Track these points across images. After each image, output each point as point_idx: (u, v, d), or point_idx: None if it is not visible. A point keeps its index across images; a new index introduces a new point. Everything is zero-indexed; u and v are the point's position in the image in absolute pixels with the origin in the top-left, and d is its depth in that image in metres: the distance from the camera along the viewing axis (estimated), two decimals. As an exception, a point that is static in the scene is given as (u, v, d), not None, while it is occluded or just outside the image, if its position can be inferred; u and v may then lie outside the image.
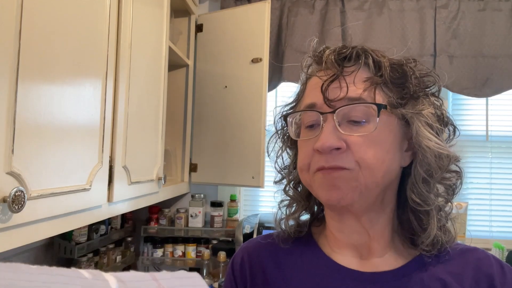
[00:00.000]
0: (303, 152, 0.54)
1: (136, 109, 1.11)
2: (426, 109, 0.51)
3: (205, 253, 1.62)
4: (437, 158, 0.50)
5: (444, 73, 0.56)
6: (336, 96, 0.50)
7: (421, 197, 0.52)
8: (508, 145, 1.89)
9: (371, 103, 0.50)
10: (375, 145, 0.50)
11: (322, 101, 0.51)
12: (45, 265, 0.24)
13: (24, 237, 0.67)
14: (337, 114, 0.50)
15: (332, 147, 0.49)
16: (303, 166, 0.54)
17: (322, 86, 0.51)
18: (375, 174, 0.50)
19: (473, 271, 0.53)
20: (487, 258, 0.54)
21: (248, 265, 0.61)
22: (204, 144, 1.74)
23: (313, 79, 0.55)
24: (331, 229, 0.58)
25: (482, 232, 1.88)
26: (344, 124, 0.50)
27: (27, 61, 0.65)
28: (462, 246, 0.56)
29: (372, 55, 0.52)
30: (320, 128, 0.51)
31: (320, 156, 0.50)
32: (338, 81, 0.51)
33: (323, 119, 0.51)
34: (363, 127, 0.50)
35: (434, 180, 0.51)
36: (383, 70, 0.51)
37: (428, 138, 0.50)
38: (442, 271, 0.53)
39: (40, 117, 0.69)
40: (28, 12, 0.65)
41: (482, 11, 1.78)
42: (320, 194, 0.52)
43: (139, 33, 1.11)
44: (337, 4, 1.81)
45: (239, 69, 1.65)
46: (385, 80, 0.51)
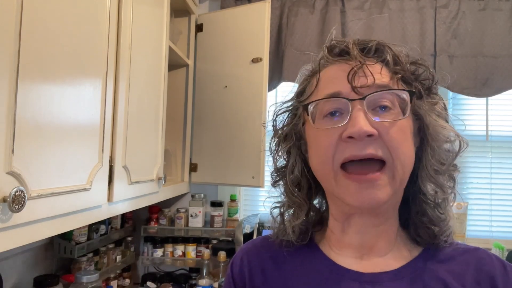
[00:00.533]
0: (325, 142, 0.51)
1: (136, 109, 1.11)
2: (439, 102, 0.54)
3: (205, 253, 1.62)
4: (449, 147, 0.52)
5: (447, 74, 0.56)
6: (364, 83, 0.50)
7: (438, 187, 0.53)
8: (508, 145, 1.89)
9: (403, 89, 0.51)
10: (403, 132, 0.50)
11: (349, 89, 0.50)
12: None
13: (24, 237, 0.67)
14: (366, 101, 0.49)
15: (368, 132, 0.47)
16: (327, 158, 0.51)
17: (348, 74, 0.50)
18: (405, 161, 0.50)
19: (475, 271, 0.52)
20: (489, 257, 0.54)
21: (247, 266, 0.61)
22: (204, 144, 1.74)
23: (330, 69, 0.55)
24: (333, 230, 0.58)
25: (482, 232, 1.88)
26: (370, 112, 0.49)
27: (27, 61, 0.65)
28: (464, 246, 0.56)
29: (392, 49, 0.53)
30: (348, 115, 0.49)
31: (349, 144, 0.49)
32: (362, 71, 0.51)
33: (351, 106, 0.49)
34: (391, 114, 0.50)
35: (445, 169, 0.53)
36: (402, 64, 0.53)
37: (443, 127, 0.52)
38: (443, 271, 0.52)
39: (40, 117, 0.69)
40: (28, 12, 0.65)
41: (482, 11, 1.78)
42: (349, 196, 0.49)
43: (139, 33, 1.11)
44: (337, 4, 1.81)
45: (239, 69, 1.65)
46: (406, 73, 0.53)
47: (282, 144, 0.60)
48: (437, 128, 0.52)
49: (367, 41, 0.54)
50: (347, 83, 0.50)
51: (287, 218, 0.60)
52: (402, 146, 0.49)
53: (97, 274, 1.21)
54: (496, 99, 1.87)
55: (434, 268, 0.53)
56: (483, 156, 1.90)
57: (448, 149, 0.53)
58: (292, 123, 0.59)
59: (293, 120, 0.59)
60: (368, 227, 0.54)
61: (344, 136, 0.48)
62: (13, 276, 1.20)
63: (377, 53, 0.53)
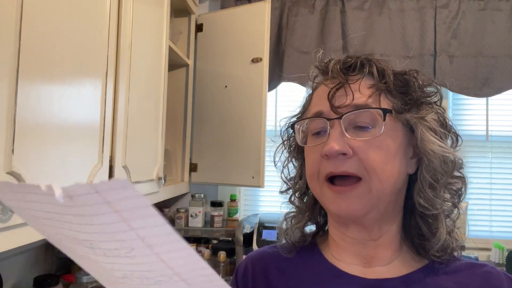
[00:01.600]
0: (311, 159, 0.55)
1: (136, 109, 1.11)
2: (429, 114, 0.52)
3: (205, 253, 1.62)
4: (442, 162, 0.51)
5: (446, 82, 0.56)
6: (342, 103, 0.52)
7: (428, 202, 0.52)
8: (508, 145, 1.89)
9: (376, 108, 0.51)
10: (381, 150, 0.50)
11: (329, 108, 0.52)
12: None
13: (24, 237, 0.67)
14: (343, 120, 0.51)
15: (339, 151, 0.49)
16: (312, 174, 0.54)
17: (328, 94, 0.52)
18: (384, 179, 0.50)
19: (481, 283, 0.52)
20: (497, 272, 0.53)
21: (251, 273, 0.62)
22: (204, 144, 1.74)
23: (320, 89, 0.57)
24: (334, 238, 0.59)
25: (482, 232, 1.88)
26: (350, 130, 0.51)
27: (27, 61, 0.65)
28: (471, 260, 0.57)
29: (376, 64, 0.54)
30: (327, 134, 0.52)
31: (328, 162, 0.51)
32: (343, 89, 0.52)
33: (330, 125, 0.52)
34: (369, 133, 0.51)
35: (440, 185, 0.52)
36: (387, 78, 0.53)
37: (432, 142, 0.51)
38: (449, 282, 0.52)
39: (40, 117, 0.69)
40: (28, 12, 0.65)
41: (482, 11, 1.78)
42: (331, 206, 0.53)
43: (139, 32, 1.11)
44: (337, 4, 1.81)
45: (239, 69, 1.65)
46: (389, 87, 0.53)
47: (288, 155, 0.64)
48: (424, 142, 0.51)
49: (351, 58, 0.55)
50: (328, 103, 0.53)
51: (293, 222, 0.63)
52: (380, 163, 0.50)
53: (97, 274, 1.21)
54: (496, 99, 1.87)
55: (439, 278, 0.53)
56: (483, 156, 1.90)
57: (444, 161, 0.51)
58: (293, 137, 0.63)
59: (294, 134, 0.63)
60: (365, 239, 0.55)
61: (322, 154, 0.51)
62: (13, 276, 1.20)
63: (361, 68, 0.54)
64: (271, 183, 1.68)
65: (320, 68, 0.58)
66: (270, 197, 1.95)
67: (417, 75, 0.55)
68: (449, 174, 0.52)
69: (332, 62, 0.56)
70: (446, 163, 0.51)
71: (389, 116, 0.51)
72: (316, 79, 0.59)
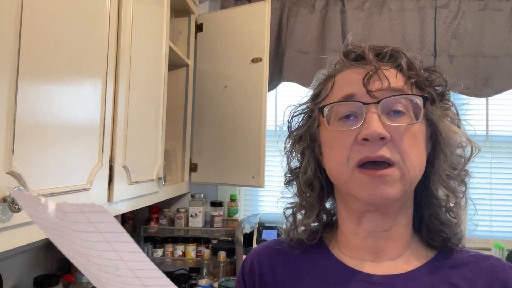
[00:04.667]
0: (339, 145, 0.52)
1: (136, 109, 1.11)
2: (452, 107, 0.55)
3: (205, 253, 1.62)
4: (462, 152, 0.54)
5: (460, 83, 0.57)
6: (379, 88, 0.51)
7: (450, 191, 0.54)
8: (508, 145, 1.89)
9: (417, 95, 0.52)
10: (414, 137, 0.51)
11: (363, 92, 0.51)
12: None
13: (24, 237, 0.67)
14: (381, 105, 0.50)
15: (381, 134, 0.48)
16: (341, 159, 0.52)
17: (364, 78, 0.52)
18: (415, 166, 0.51)
19: (488, 277, 0.52)
20: (502, 265, 0.54)
21: (258, 266, 0.61)
22: (204, 144, 1.74)
23: (345, 73, 0.56)
24: (345, 232, 0.58)
25: (482, 232, 1.88)
26: (384, 115, 0.51)
27: (27, 61, 0.65)
28: (476, 253, 0.57)
29: (406, 55, 0.55)
30: (363, 118, 0.50)
31: (363, 146, 0.50)
32: (377, 75, 0.52)
33: (366, 109, 0.50)
34: (404, 119, 0.51)
35: (457, 174, 0.54)
36: (416, 70, 0.54)
37: (456, 133, 0.53)
38: (454, 276, 0.53)
39: (40, 117, 0.69)
40: (28, 12, 0.65)
41: (482, 11, 1.78)
42: (363, 191, 0.50)
43: (139, 33, 1.11)
44: (337, 4, 1.81)
45: (239, 69, 1.65)
46: (419, 78, 0.54)
47: (296, 145, 0.62)
48: (450, 133, 0.53)
49: (382, 46, 0.55)
50: (362, 86, 0.52)
51: (299, 218, 0.61)
52: (413, 150, 0.50)
53: (97, 274, 1.21)
54: (496, 99, 1.87)
55: (446, 273, 0.53)
56: (483, 156, 1.90)
57: (460, 154, 0.54)
58: (307, 125, 0.60)
59: (308, 122, 0.60)
60: (378, 230, 0.55)
61: (359, 138, 0.50)
62: (13, 276, 1.20)
63: (391, 58, 0.54)
64: (271, 183, 1.68)
65: (356, 52, 0.56)
66: (270, 197, 1.95)
67: (439, 69, 0.56)
68: (467, 162, 0.54)
69: (367, 47, 0.55)
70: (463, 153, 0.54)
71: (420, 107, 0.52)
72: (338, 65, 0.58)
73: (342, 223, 0.59)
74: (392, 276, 0.53)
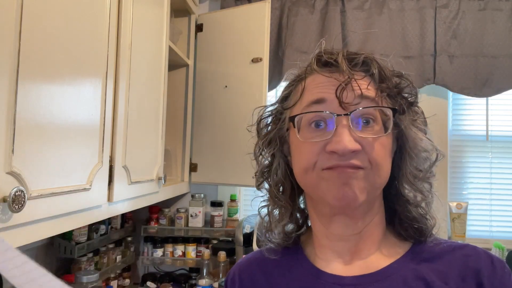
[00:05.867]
0: (308, 151, 0.52)
1: (136, 109, 1.11)
2: (419, 116, 0.56)
3: (205, 253, 1.62)
4: (427, 157, 0.56)
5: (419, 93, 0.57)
6: (350, 99, 0.51)
7: (418, 191, 0.56)
8: (508, 145, 1.89)
9: (387, 107, 0.52)
10: (383, 147, 0.52)
11: (335, 100, 0.51)
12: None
13: (24, 237, 0.67)
14: (351, 116, 0.50)
15: (352, 149, 0.49)
16: (309, 165, 0.52)
17: (337, 89, 0.51)
18: (383, 174, 0.52)
19: (460, 268, 0.52)
20: (476, 253, 0.54)
21: (238, 279, 0.63)
22: (204, 144, 1.74)
23: (316, 77, 0.55)
24: (317, 235, 0.59)
25: (482, 232, 1.88)
26: (354, 127, 0.51)
27: (27, 61, 0.65)
28: (451, 243, 0.57)
29: (378, 64, 0.54)
30: (334, 129, 0.50)
31: (331, 155, 0.50)
32: (350, 85, 0.52)
33: (337, 121, 0.50)
34: (374, 130, 0.51)
35: (424, 174, 0.56)
36: (387, 79, 0.54)
37: (421, 139, 0.55)
38: (427, 270, 0.53)
39: (40, 117, 0.69)
40: (28, 12, 0.65)
41: (482, 11, 1.78)
42: (329, 194, 0.50)
43: (139, 32, 1.11)
44: (337, 4, 1.81)
45: (239, 69, 1.65)
46: (390, 89, 0.54)
47: (266, 148, 0.61)
48: (416, 140, 0.54)
49: (355, 53, 0.55)
50: (333, 94, 0.51)
51: (274, 218, 0.61)
52: (382, 159, 0.51)
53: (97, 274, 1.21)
54: (496, 99, 1.87)
55: (417, 268, 0.53)
56: (483, 156, 1.90)
57: (426, 157, 0.56)
58: (276, 128, 0.60)
59: (277, 125, 0.60)
60: (349, 234, 0.55)
61: (328, 149, 0.50)
62: (13, 276, 1.20)
63: (364, 66, 0.54)
64: (271, 183, 1.67)
65: (328, 59, 0.55)
66: (270, 197, 1.94)
67: (409, 78, 0.56)
68: (432, 165, 0.56)
69: (340, 54, 0.55)
70: (429, 155, 0.56)
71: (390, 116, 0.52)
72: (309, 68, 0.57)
73: (314, 226, 0.60)
74: (364, 276, 0.54)
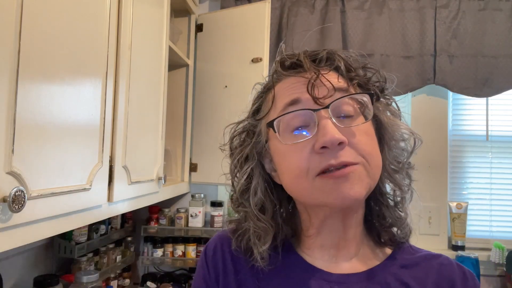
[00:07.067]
0: (296, 157, 0.50)
1: (136, 109, 1.11)
2: (392, 102, 0.56)
3: (205, 253, 1.62)
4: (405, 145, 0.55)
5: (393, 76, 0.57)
6: (325, 94, 0.50)
7: (397, 185, 0.55)
8: (508, 145, 1.89)
9: (363, 92, 0.52)
10: (368, 136, 0.51)
11: (309, 99, 0.50)
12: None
13: (24, 237, 0.67)
14: (331, 109, 0.49)
15: (340, 139, 0.47)
16: (301, 172, 0.49)
17: (308, 85, 0.50)
18: (377, 164, 0.51)
19: (436, 276, 0.54)
20: (450, 264, 0.56)
21: (220, 251, 0.60)
22: (204, 144, 1.74)
23: (284, 83, 0.54)
24: (306, 236, 0.58)
25: (482, 232, 1.88)
26: (335, 120, 0.49)
27: (27, 61, 0.65)
28: (428, 252, 0.58)
29: (342, 56, 0.54)
30: (315, 126, 0.49)
31: (322, 155, 0.48)
32: (320, 80, 0.51)
33: (317, 116, 0.49)
34: (356, 121, 0.51)
35: (403, 165, 0.55)
36: (354, 70, 0.54)
37: (398, 126, 0.54)
38: (406, 276, 0.54)
39: (40, 117, 0.69)
40: (28, 12, 0.65)
41: (482, 11, 1.78)
42: (329, 197, 0.48)
43: (139, 32, 1.11)
44: (337, 4, 1.81)
45: (239, 69, 1.65)
46: (359, 77, 0.54)
47: (243, 166, 0.58)
48: (394, 127, 0.54)
49: (316, 51, 0.54)
50: (305, 93, 0.50)
51: (255, 244, 0.56)
52: (372, 149, 0.50)
53: (97, 274, 1.21)
54: (496, 99, 1.87)
55: (399, 272, 0.54)
56: (483, 156, 1.90)
57: (403, 147, 0.55)
58: (252, 142, 0.57)
59: (252, 139, 0.57)
60: (340, 233, 0.55)
61: (317, 147, 0.48)
62: (13, 276, 1.20)
63: (328, 61, 0.53)
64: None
65: (291, 61, 0.54)
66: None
67: (374, 66, 0.56)
68: (410, 154, 0.55)
69: (302, 54, 0.54)
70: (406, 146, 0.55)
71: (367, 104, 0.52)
72: (275, 75, 0.56)
73: (305, 228, 0.58)
74: (349, 275, 0.54)
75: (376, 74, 0.55)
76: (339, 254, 0.56)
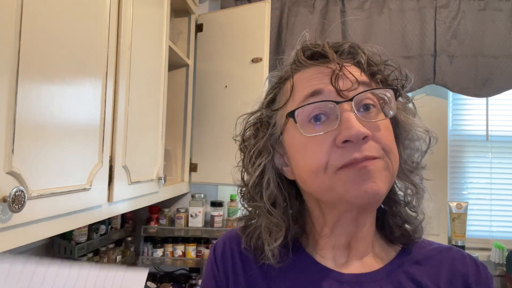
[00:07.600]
0: (315, 149, 0.48)
1: (136, 109, 1.11)
2: (409, 101, 0.56)
3: (205, 253, 1.62)
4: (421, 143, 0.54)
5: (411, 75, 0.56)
6: (348, 86, 0.49)
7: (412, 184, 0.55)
8: (508, 145, 1.89)
9: (388, 87, 0.51)
10: (389, 131, 0.50)
11: (332, 91, 0.49)
12: None
13: (24, 237, 0.67)
14: (354, 102, 0.47)
15: (365, 133, 0.45)
16: (319, 166, 0.47)
17: (331, 77, 0.49)
18: (396, 160, 0.50)
19: (448, 271, 0.53)
20: (462, 257, 0.55)
21: (230, 252, 0.59)
22: (204, 144, 1.74)
23: (304, 73, 0.52)
24: (319, 234, 0.56)
25: (482, 232, 1.88)
26: (358, 113, 0.47)
27: (27, 61, 0.65)
28: (437, 245, 0.57)
29: (364, 51, 0.53)
30: (337, 118, 0.47)
31: (344, 149, 0.46)
32: (343, 73, 0.49)
33: (340, 109, 0.47)
34: (377, 115, 0.49)
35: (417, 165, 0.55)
36: (374, 66, 0.53)
37: (417, 125, 0.54)
38: (419, 272, 0.53)
39: (40, 117, 0.69)
40: (28, 12, 0.65)
41: (482, 11, 1.78)
42: (350, 193, 0.46)
43: (139, 33, 1.11)
44: (337, 4, 1.81)
45: (239, 69, 1.65)
46: (381, 71, 0.53)
47: (258, 159, 0.56)
48: (410, 125, 0.53)
49: (339, 43, 0.53)
50: (329, 85, 0.49)
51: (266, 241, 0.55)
52: (392, 144, 0.49)
53: (97, 274, 1.21)
54: (496, 99, 1.87)
55: (411, 270, 0.54)
56: (483, 156, 1.90)
57: (418, 147, 0.55)
58: (267, 134, 0.55)
59: (267, 131, 0.56)
60: (353, 231, 0.53)
61: (339, 140, 0.46)
62: (13, 276, 1.20)
63: (350, 55, 0.53)
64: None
65: (316, 50, 0.53)
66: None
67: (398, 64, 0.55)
68: (425, 153, 0.55)
69: (326, 45, 0.52)
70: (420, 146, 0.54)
71: None
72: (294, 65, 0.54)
73: (317, 227, 0.56)
74: (361, 275, 0.53)
75: (396, 71, 0.54)
76: (351, 254, 0.55)
